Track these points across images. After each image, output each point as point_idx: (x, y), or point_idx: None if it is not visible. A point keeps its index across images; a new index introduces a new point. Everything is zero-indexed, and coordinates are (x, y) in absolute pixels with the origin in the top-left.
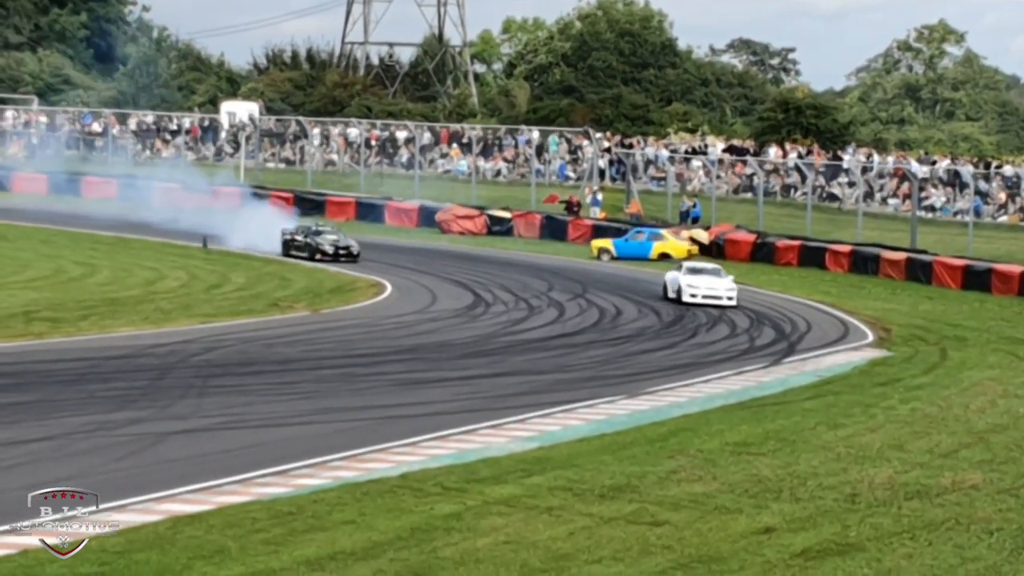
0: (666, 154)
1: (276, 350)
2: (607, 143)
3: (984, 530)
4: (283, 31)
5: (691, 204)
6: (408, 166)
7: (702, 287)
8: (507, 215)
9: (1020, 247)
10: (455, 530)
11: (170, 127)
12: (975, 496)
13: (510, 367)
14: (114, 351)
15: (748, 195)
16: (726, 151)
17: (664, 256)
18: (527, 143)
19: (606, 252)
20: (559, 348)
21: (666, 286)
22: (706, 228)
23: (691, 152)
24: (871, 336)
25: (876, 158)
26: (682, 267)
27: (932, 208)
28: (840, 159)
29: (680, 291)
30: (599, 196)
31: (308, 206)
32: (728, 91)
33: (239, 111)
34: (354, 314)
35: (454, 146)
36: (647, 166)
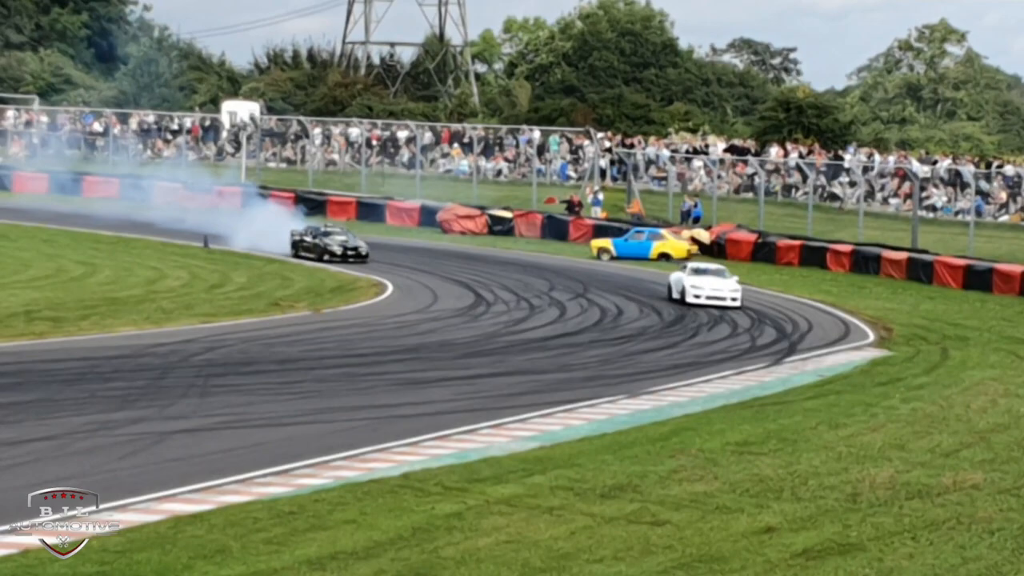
0: (667, 154)
1: (277, 350)
2: (608, 143)
3: (985, 530)
4: (284, 31)
5: (692, 204)
6: (409, 166)
7: (706, 288)
8: (508, 215)
9: (1021, 247)
10: (456, 530)
11: (171, 127)
12: (976, 496)
13: (511, 367)
14: (115, 351)
15: (749, 195)
16: (727, 151)
17: (664, 256)
18: (528, 143)
19: (606, 252)
20: (560, 348)
21: (671, 287)
22: (707, 228)
23: (692, 152)
24: (872, 336)
25: (877, 158)
26: (686, 268)
27: (933, 208)
28: (841, 159)
29: (684, 292)
30: (600, 196)
31: (309, 206)
32: (729, 91)
33: (240, 111)
34: (355, 314)
35: (455, 146)
36: (648, 166)
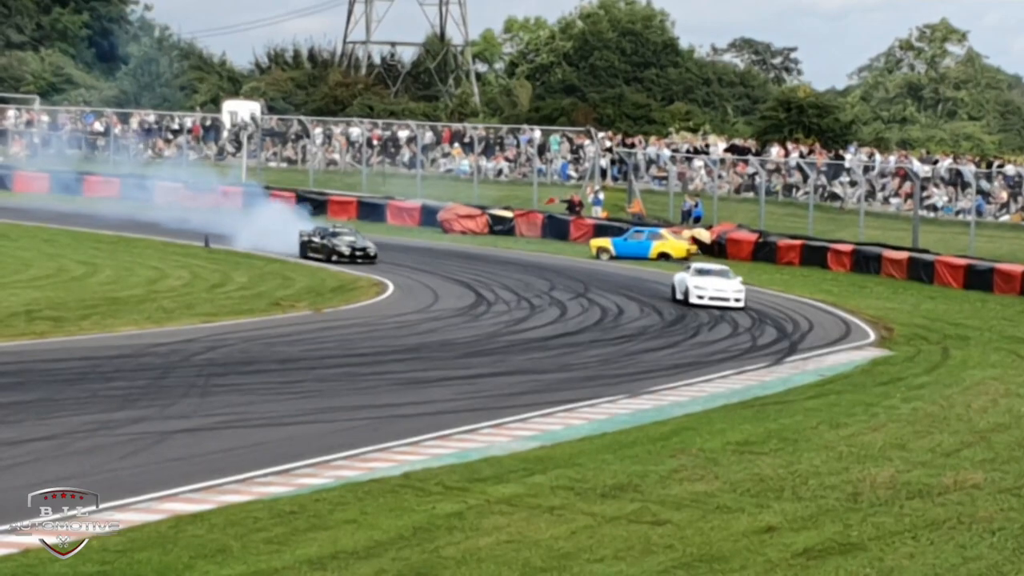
0: (668, 153)
1: (278, 349)
2: (609, 142)
3: (986, 529)
4: (285, 30)
5: (693, 203)
6: (410, 165)
7: (709, 289)
8: (509, 214)
9: (1022, 246)
10: (457, 529)
11: (172, 126)
12: (977, 495)
13: (512, 366)
14: (116, 350)
15: (750, 194)
16: (728, 150)
17: (663, 255)
18: (529, 142)
19: (605, 251)
20: (561, 347)
21: (674, 288)
22: (708, 227)
23: (693, 151)
24: (873, 335)
25: (878, 157)
26: (690, 268)
27: (934, 207)
28: (842, 158)
29: (688, 293)
30: (601, 195)
31: (310, 206)
32: (730, 90)
33: (241, 110)
34: (356, 313)
35: (456, 145)
36: (649, 165)
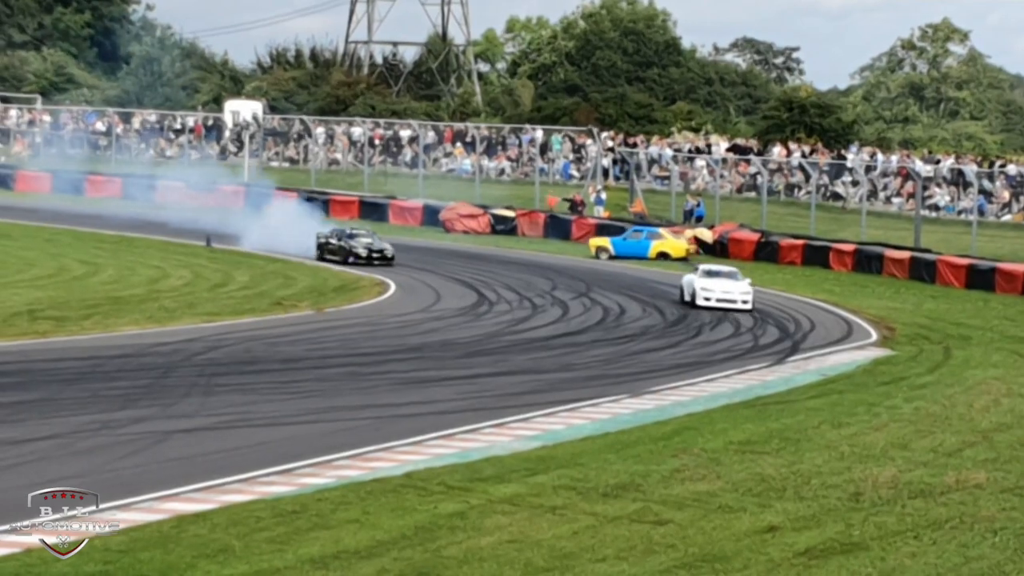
0: (670, 153)
1: (280, 349)
2: (611, 142)
3: (988, 529)
4: (287, 30)
5: (695, 203)
6: (412, 165)
7: (716, 290)
8: (511, 214)
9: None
10: (459, 529)
11: (174, 126)
12: (979, 495)
13: (514, 366)
14: (118, 350)
15: (752, 194)
16: (730, 150)
17: (662, 255)
18: (531, 142)
19: (604, 251)
20: (563, 347)
21: (682, 289)
22: (710, 227)
23: (695, 151)
24: (875, 335)
25: (880, 157)
26: (698, 270)
27: (936, 207)
28: (844, 158)
29: (695, 295)
30: (603, 195)
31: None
32: (732, 90)
33: (243, 110)
34: (358, 313)
35: (458, 145)
36: (651, 165)
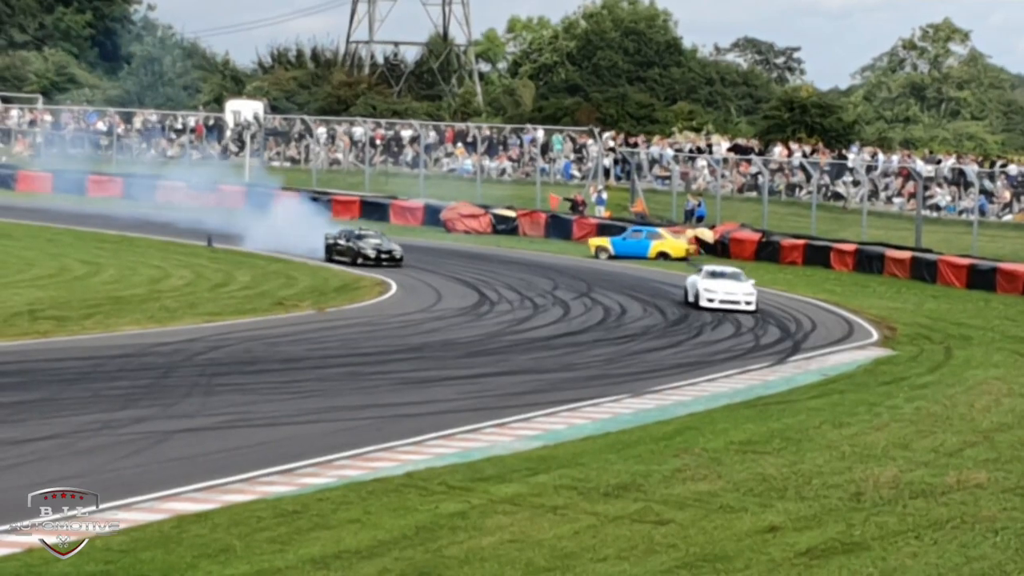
0: (671, 153)
1: (281, 349)
2: (612, 142)
3: (989, 529)
4: (288, 30)
5: (696, 203)
6: (413, 165)
7: (719, 292)
8: (512, 214)
9: None
10: (460, 529)
11: (175, 126)
12: (980, 495)
13: (515, 366)
14: (119, 350)
15: (753, 194)
16: (731, 150)
17: (662, 255)
18: (532, 142)
19: (604, 250)
20: (564, 347)
21: (687, 290)
22: (711, 227)
23: (696, 151)
24: (876, 335)
25: (881, 157)
26: (702, 271)
27: (937, 207)
28: (845, 158)
29: (698, 296)
30: (604, 195)
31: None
32: (733, 90)
33: (244, 110)
34: (359, 313)
35: (459, 145)
36: (652, 165)
